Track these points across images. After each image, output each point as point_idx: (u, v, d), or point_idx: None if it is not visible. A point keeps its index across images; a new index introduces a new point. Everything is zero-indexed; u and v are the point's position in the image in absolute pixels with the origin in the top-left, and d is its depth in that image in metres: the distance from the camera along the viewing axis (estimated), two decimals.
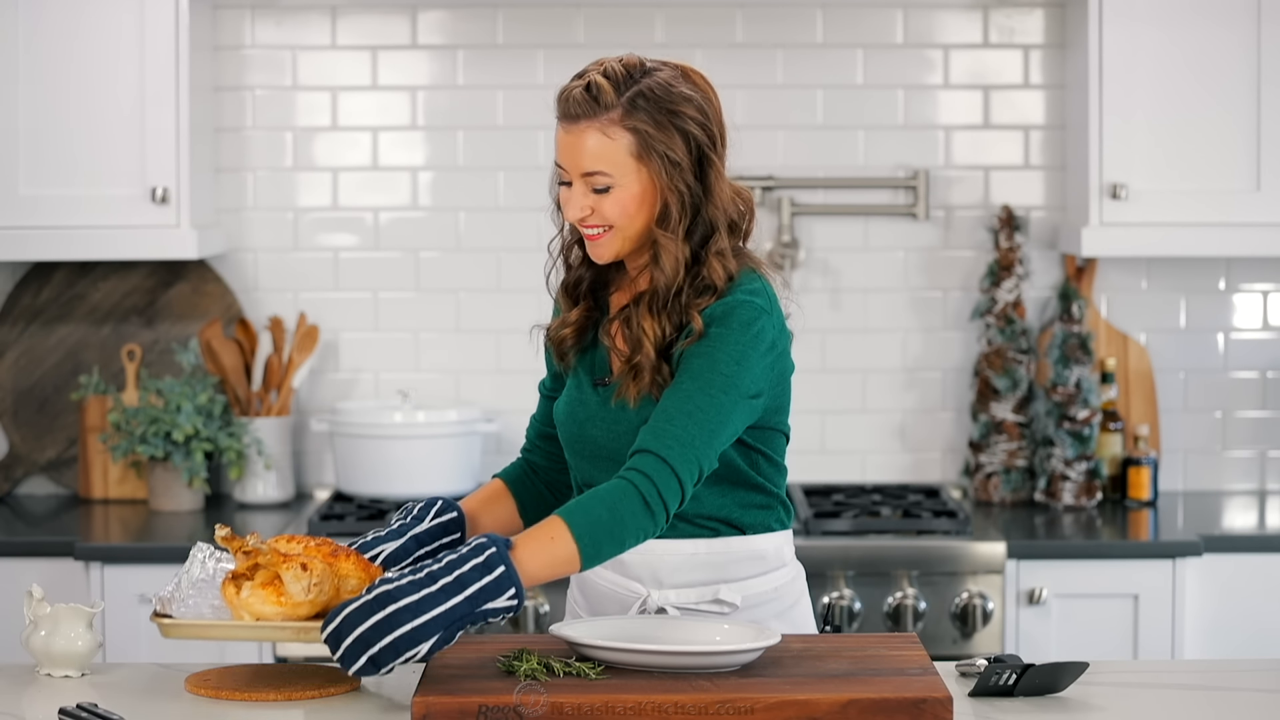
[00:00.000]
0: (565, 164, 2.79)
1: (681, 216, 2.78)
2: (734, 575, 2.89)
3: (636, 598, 2.88)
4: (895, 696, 2.50)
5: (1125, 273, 4.66)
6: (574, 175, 2.78)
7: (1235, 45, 4.29)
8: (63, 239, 4.31)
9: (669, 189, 2.76)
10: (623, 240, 2.80)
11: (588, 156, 2.75)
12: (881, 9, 4.61)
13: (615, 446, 2.83)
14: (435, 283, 4.65)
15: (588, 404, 2.87)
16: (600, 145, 2.75)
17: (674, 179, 2.76)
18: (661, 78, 2.77)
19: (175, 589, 2.67)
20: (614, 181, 2.76)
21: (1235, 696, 2.74)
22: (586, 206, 2.78)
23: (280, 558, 2.59)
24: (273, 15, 4.62)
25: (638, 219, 2.78)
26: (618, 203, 2.77)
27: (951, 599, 4.04)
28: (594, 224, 2.79)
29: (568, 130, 2.77)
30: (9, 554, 4.08)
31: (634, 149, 2.75)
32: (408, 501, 2.91)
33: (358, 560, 2.65)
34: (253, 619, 2.59)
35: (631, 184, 2.76)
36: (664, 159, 2.75)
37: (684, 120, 2.76)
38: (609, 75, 2.76)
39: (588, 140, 2.75)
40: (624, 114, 2.74)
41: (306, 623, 2.58)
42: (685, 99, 2.76)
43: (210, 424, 4.43)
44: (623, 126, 2.74)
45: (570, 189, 2.79)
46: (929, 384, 4.67)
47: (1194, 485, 4.68)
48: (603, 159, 2.75)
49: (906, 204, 4.63)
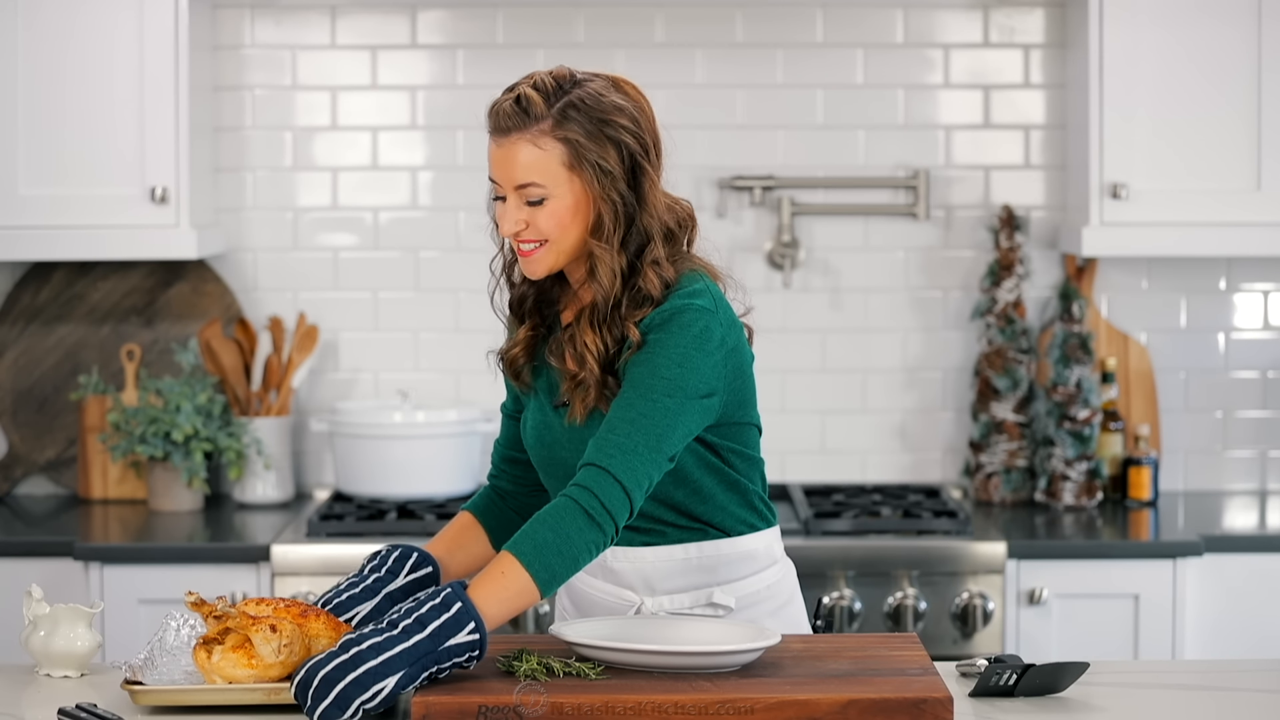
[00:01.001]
0: (498, 178, 2.77)
1: (615, 226, 2.76)
2: (726, 577, 2.89)
3: (629, 606, 2.88)
4: (895, 696, 2.50)
5: (1125, 272, 4.65)
6: (507, 189, 2.76)
7: (1236, 44, 4.29)
8: (62, 239, 4.31)
9: (602, 199, 2.75)
10: (556, 254, 2.79)
11: (520, 168, 2.74)
12: (881, 9, 4.61)
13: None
14: (435, 283, 4.65)
15: (552, 427, 2.85)
16: (532, 156, 2.74)
17: (606, 189, 2.75)
18: (592, 88, 2.76)
19: (148, 656, 2.66)
20: (547, 193, 2.75)
21: (1235, 696, 2.74)
22: (521, 220, 2.77)
23: (249, 621, 2.59)
24: (272, 15, 4.62)
25: (572, 231, 2.77)
26: (552, 215, 2.75)
27: (952, 599, 4.04)
28: (528, 238, 2.78)
29: (499, 144, 2.76)
30: (9, 554, 4.08)
31: (566, 159, 2.74)
32: (379, 549, 2.89)
33: (328, 619, 2.65)
34: (225, 682, 2.59)
35: (565, 195, 2.75)
36: (596, 168, 2.74)
37: (616, 130, 2.75)
38: (538, 87, 2.75)
39: (519, 152, 2.74)
40: (554, 124, 2.74)
41: (278, 684, 2.57)
42: (617, 108, 2.76)
43: (210, 424, 4.43)
44: (553, 137, 2.73)
45: (504, 204, 2.78)
46: (929, 384, 4.67)
47: (1194, 485, 4.68)
48: (534, 170, 2.74)
49: (906, 204, 4.63)
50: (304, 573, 4.04)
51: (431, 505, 4.35)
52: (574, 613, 2.96)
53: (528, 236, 2.78)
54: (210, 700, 2.57)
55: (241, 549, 4.08)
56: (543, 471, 2.90)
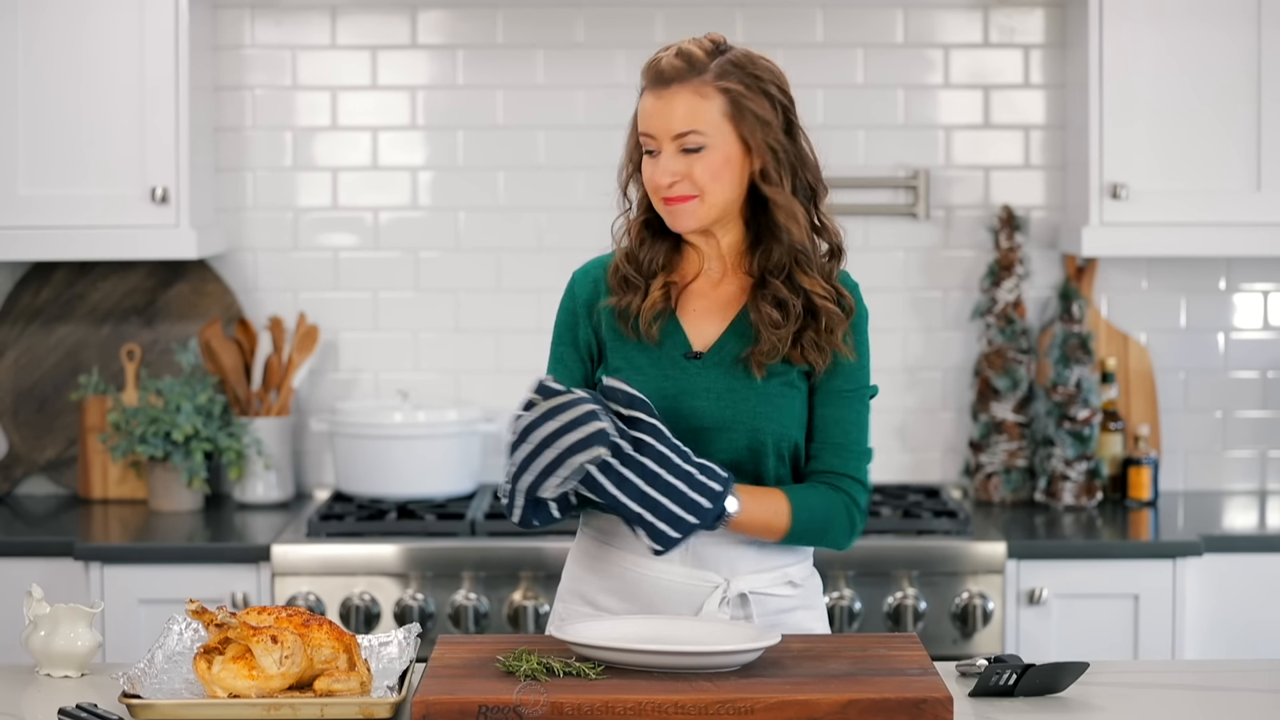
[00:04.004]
0: (654, 130, 2.84)
1: (780, 174, 2.85)
2: (790, 560, 2.97)
3: (713, 587, 2.90)
4: (895, 696, 2.50)
5: (1125, 273, 4.66)
6: (664, 140, 2.83)
7: (1235, 45, 4.29)
8: (63, 239, 4.31)
9: (763, 147, 2.84)
10: (708, 208, 2.85)
11: (681, 117, 2.82)
12: (881, 9, 4.61)
13: (725, 416, 2.88)
14: (435, 283, 4.65)
15: (678, 377, 2.90)
16: (694, 105, 2.82)
17: (768, 136, 2.84)
18: (743, 50, 2.89)
19: (148, 664, 2.66)
20: (706, 141, 2.82)
21: (1235, 696, 2.74)
22: (677, 171, 2.83)
23: (250, 631, 2.58)
24: (273, 15, 4.62)
25: (727, 184, 2.85)
26: (708, 165, 2.83)
27: (952, 599, 4.04)
28: (682, 192, 2.84)
29: (659, 95, 2.84)
30: (9, 554, 4.08)
31: (726, 109, 2.83)
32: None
33: (330, 629, 2.64)
34: (225, 694, 2.58)
35: (722, 145, 2.83)
36: (756, 117, 2.83)
37: (767, 85, 2.86)
38: (697, 44, 2.87)
39: (681, 101, 2.83)
40: (716, 76, 2.83)
41: (277, 699, 2.56)
42: (766, 69, 2.87)
43: (210, 424, 4.43)
44: (715, 87, 2.83)
45: (656, 157, 2.85)
46: (929, 384, 4.67)
47: (1194, 485, 4.68)
48: (697, 118, 2.82)
49: (906, 204, 4.63)
50: (304, 573, 4.04)
51: (431, 505, 4.36)
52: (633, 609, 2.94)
53: (681, 190, 2.84)
54: (208, 715, 2.56)
55: (241, 549, 4.08)
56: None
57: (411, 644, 2.78)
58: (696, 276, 2.95)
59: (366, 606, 4.02)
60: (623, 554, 2.93)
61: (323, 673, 2.61)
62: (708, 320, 2.93)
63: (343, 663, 2.62)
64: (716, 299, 2.94)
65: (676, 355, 2.91)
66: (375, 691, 2.64)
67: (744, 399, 2.89)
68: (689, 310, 2.94)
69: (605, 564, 2.95)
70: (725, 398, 2.89)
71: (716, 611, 2.88)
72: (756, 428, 2.89)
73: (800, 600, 2.99)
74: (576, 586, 3.00)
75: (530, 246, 4.63)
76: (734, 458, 2.89)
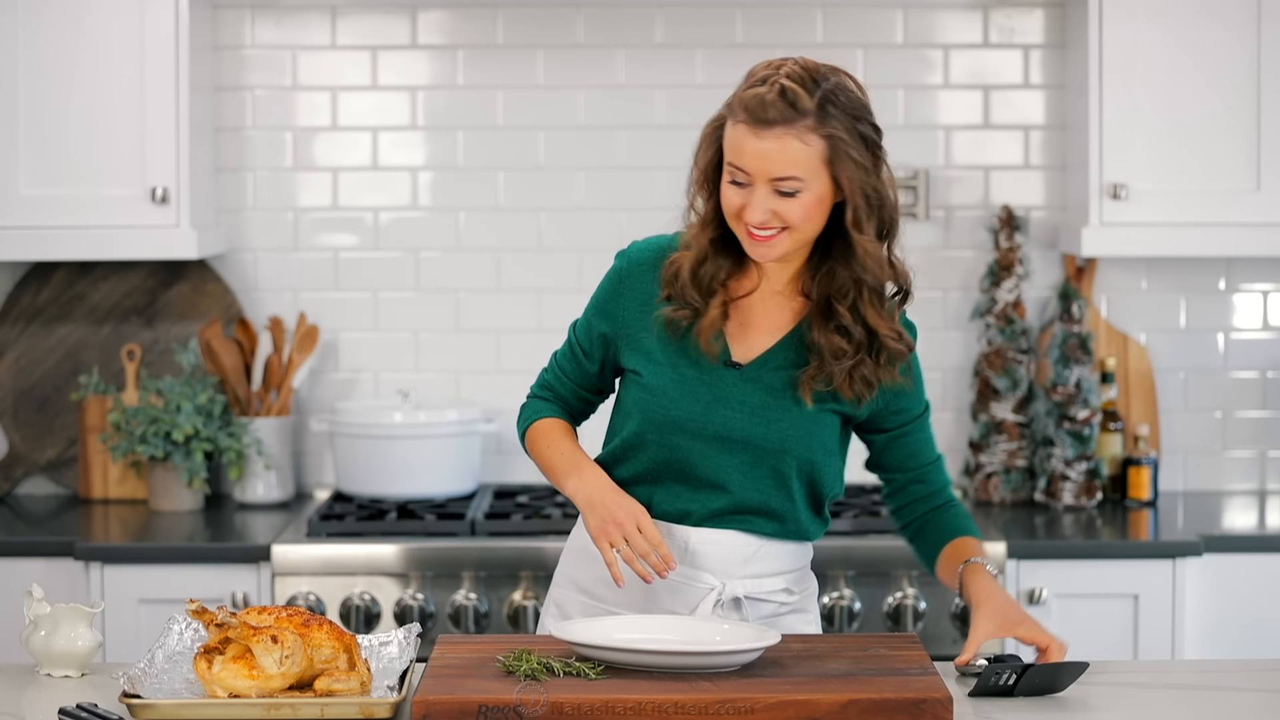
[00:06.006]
0: (750, 168, 2.79)
1: (870, 217, 2.83)
2: (790, 566, 2.99)
3: (708, 589, 2.90)
4: (895, 696, 2.50)
5: (1125, 273, 4.66)
6: (760, 180, 2.79)
7: (1235, 45, 4.29)
8: (63, 239, 4.31)
9: (858, 192, 2.80)
10: (795, 242, 2.84)
11: (780, 162, 2.77)
12: (881, 9, 4.61)
13: (757, 431, 2.89)
14: (435, 283, 4.65)
15: (715, 384, 2.90)
16: (795, 151, 2.77)
17: (863, 182, 2.80)
18: (837, 82, 2.80)
19: (149, 664, 2.66)
20: (803, 186, 2.79)
21: (1235, 696, 2.74)
22: (770, 210, 2.80)
23: (250, 631, 2.58)
24: (273, 15, 4.62)
25: (815, 222, 2.83)
26: (802, 207, 2.80)
27: (951, 599, 4.04)
28: (771, 225, 2.82)
29: (759, 136, 2.78)
30: (9, 554, 4.08)
31: (825, 154, 2.78)
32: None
33: (331, 629, 2.64)
34: (225, 694, 2.58)
35: (817, 188, 2.80)
36: (854, 163, 2.79)
37: (863, 125, 2.81)
38: (797, 79, 2.78)
39: (783, 147, 2.77)
40: (817, 120, 2.77)
41: (277, 699, 2.56)
42: (859, 101, 2.82)
43: (210, 424, 4.43)
44: (817, 133, 2.77)
45: (746, 190, 2.80)
46: (929, 384, 4.64)
47: (1194, 485, 4.68)
48: (797, 165, 2.77)
49: (906, 204, 4.63)
50: (304, 573, 4.04)
51: (431, 505, 4.36)
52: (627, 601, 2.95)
53: (772, 224, 2.81)
54: (208, 715, 2.56)
55: (242, 549, 4.08)
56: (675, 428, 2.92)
57: (411, 644, 2.78)
58: (752, 291, 2.94)
59: (366, 606, 4.03)
60: None
61: (323, 673, 2.61)
62: (754, 334, 2.93)
63: (343, 663, 2.62)
64: (766, 314, 2.93)
65: (719, 363, 2.92)
66: (375, 691, 2.64)
67: (777, 418, 2.89)
68: (737, 322, 2.93)
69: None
70: (759, 413, 2.89)
71: (710, 613, 2.88)
72: (784, 449, 2.90)
73: (795, 605, 3.00)
74: (574, 574, 3.03)
75: (530, 246, 4.63)
76: (756, 474, 2.90)
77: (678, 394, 2.90)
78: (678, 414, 2.91)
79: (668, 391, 2.92)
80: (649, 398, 2.93)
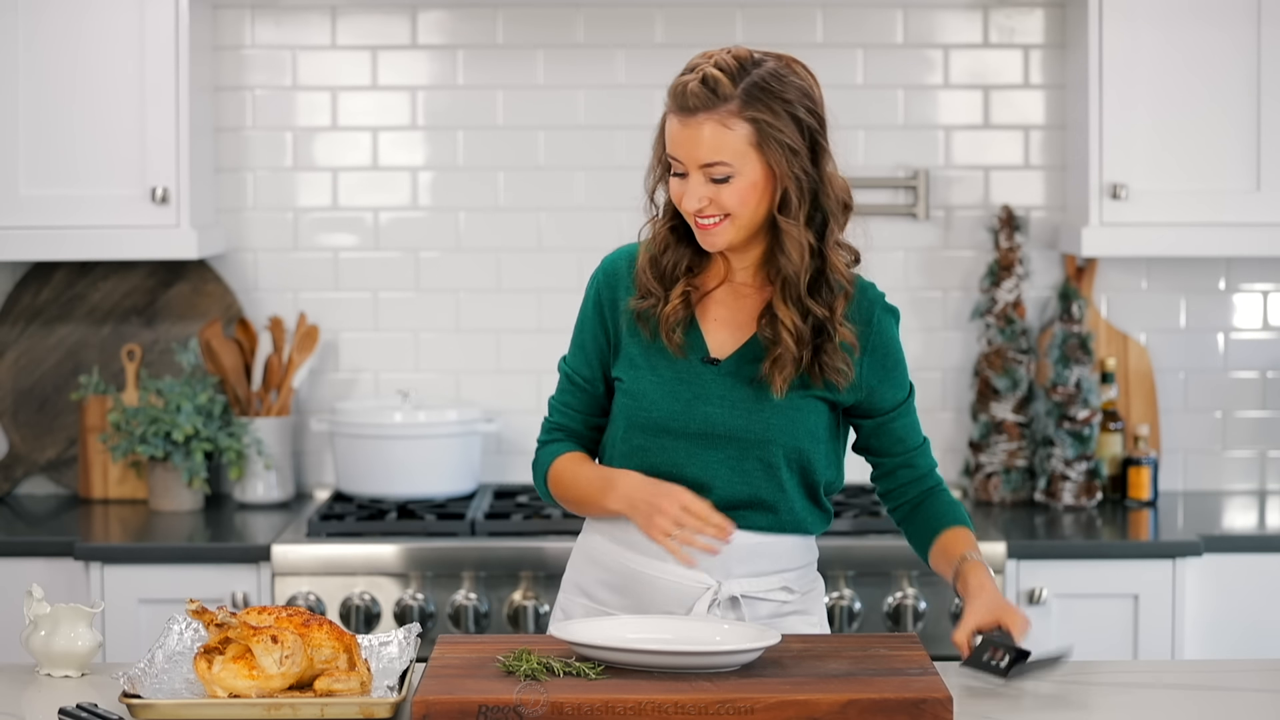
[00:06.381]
0: (682, 156, 2.82)
1: (800, 203, 2.84)
2: (791, 565, 2.98)
3: (704, 588, 2.90)
4: (895, 696, 2.50)
5: (1125, 273, 4.66)
6: (691, 167, 2.82)
7: (1235, 45, 4.29)
8: (63, 239, 4.31)
9: (788, 176, 2.82)
10: (738, 229, 2.85)
11: (707, 148, 2.80)
12: (881, 9, 4.61)
13: (739, 425, 2.89)
14: (435, 283, 4.65)
15: (694, 381, 2.91)
16: (719, 136, 2.79)
17: (792, 166, 2.82)
18: (771, 67, 2.82)
19: (149, 664, 2.66)
20: (733, 171, 2.80)
21: (1235, 696, 2.74)
22: (705, 197, 2.82)
23: (250, 631, 2.58)
24: (273, 15, 4.62)
25: (757, 208, 2.84)
26: (736, 192, 2.81)
27: (951, 599, 4.04)
28: (711, 214, 2.83)
29: (685, 123, 2.81)
30: (9, 554, 4.08)
31: (753, 138, 2.80)
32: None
33: (331, 629, 2.64)
34: (226, 694, 2.58)
35: (749, 173, 2.81)
36: (782, 146, 2.80)
37: (796, 108, 2.82)
38: (722, 67, 2.80)
39: (706, 132, 2.79)
40: (741, 104, 2.79)
41: (277, 699, 2.56)
42: (796, 88, 2.82)
43: (210, 424, 4.43)
44: (741, 117, 2.79)
45: (684, 180, 2.83)
46: (929, 384, 4.67)
47: (1194, 485, 4.68)
48: (723, 149, 2.79)
49: (906, 204, 4.63)
50: (304, 573, 4.04)
51: (431, 505, 4.36)
52: (626, 604, 2.96)
53: (710, 212, 2.83)
54: (208, 715, 2.56)
55: (242, 549, 4.08)
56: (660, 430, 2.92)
57: (411, 644, 2.78)
58: (721, 283, 2.95)
59: (366, 606, 4.03)
60: (620, 549, 2.94)
61: (323, 673, 2.61)
62: (728, 329, 2.94)
63: (343, 663, 2.63)
64: (739, 308, 2.94)
65: (694, 359, 2.92)
66: (375, 691, 2.64)
67: (758, 409, 2.89)
68: (710, 318, 2.94)
69: (604, 557, 2.98)
70: (739, 407, 2.90)
71: (706, 613, 2.89)
72: (768, 439, 2.90)
73: (796, 605, 2.99)
74: (577, 578, 3.04)
75: (530, 246, 4.63)
76: (744, 466, 2.90)
77: (658, 395, 2.92)
78: (659, 415, 2.91)
79: (648, 394, 2.93)
80: (631, 402, 2.94)
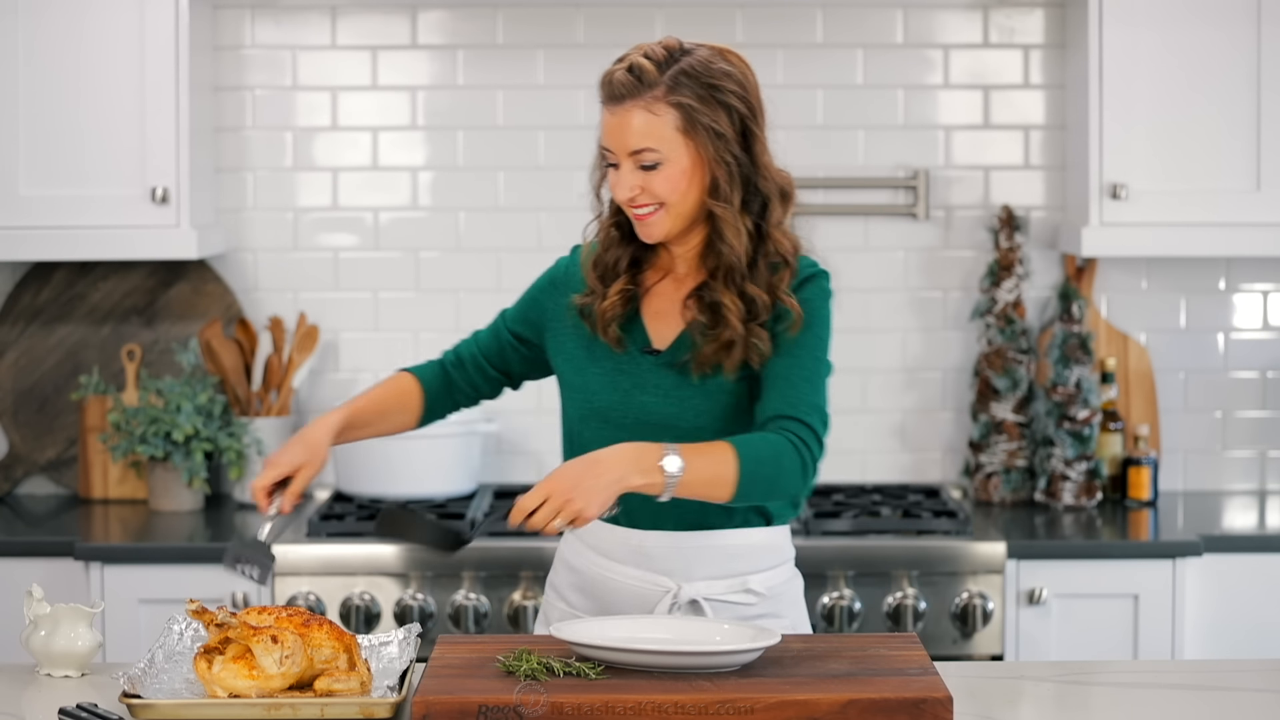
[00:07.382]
0: (612, 145, 2.84)
1: (733, 188, 2.84)
2: (757, 566, 2.95)
3: (664, 592, 2.90)
4: (895, 696, 2.50)
5: (1125, 273, 4.66)
6: (621, 156, 2.83)
7: (1235, 46, 4.29)
8: (63, 239, 4.31)
9: (716, 161, 2.82)
10: (674, 218, 2.86)
11: (634, 135, 2.81)
12: (881, 9, 4.61)
13: (671, 413, 2.89)
14: (435, 283, 4.65)
15: (633, 371, 2.92)
16: (646, 123, 2.81)
17: (720, 151, 2.82)
18: (701, 55, 2.84)
19: (148, 664, 2.66)
20: (662, 157, 2.82)
21: (1235, 696, 2.74)
22: (635, 186, 2.84)
23: (250, 631, 2.58)
24: (273, 15, 4.62)
25: (688, 195, 2.84)
26: (667, 179, 2.82)
27: (951, 599, 4.04)
28: (644, 203, 2.85)
29: (613, 112, 2.83)
30: (9, 554, 4.08)
31: (679, 124, 2.81)
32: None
33: (331, 629, 2.64)
34: (225, 694, 2.58)
35: (679, 159, 2.82)
36: (709, 131, 2.81)
37: (725, 94, 2.83)
38: (650, 56, 2.82)
39: (634, 119, 2.81)
40: (667, 90, 2.81)
41: (277, 699, 2.56)
42: (725, 74, 2.84)
43: (210, 424, 4.43)
44: (667, 103, 2.81)
45: (617, 170, 2.85)
46: (929, 384, 4.67)
47: (1194, 485, 4.68)
48: (650, 136, 2.81)
49: (906, 204, 4.63)
50: (304, 573, 4.04)
51: (431, 505, 4.36)
52: (591, 606, 2.97)
53: (643, 201, 2.85)
54: (208, 715, 2.56)
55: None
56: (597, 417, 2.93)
57: (411, 644, 2.78)
58: (664, 276, 2.97)
59: (366, 606, 4.03)
60: (588, 551, 2.97)
61: (323, 673, 2.61)
62: (668, 319, 2.95)
63: (343, 663, 2.63)
64: (678, 299, 2.95)
65: (635, 351, 2.94)
66: (375, 691, 2.64)
67: (690, 397, 2.89)
68: (652, 310, 2.96)
69: (575, 559, 3.01)
70: (672, 395, 2.90)
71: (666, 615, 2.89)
72: (700, 427, 2.89)
73: (765, 608, 2.96)
74: (555, 579, 3.08)
75: (530, 246, 4.63)
76: None
77: (599, 385, 2.94)
78: (600, 404, 2.94)
79: (589, 384, 2.95)
80: (574, 394, 2.98)
